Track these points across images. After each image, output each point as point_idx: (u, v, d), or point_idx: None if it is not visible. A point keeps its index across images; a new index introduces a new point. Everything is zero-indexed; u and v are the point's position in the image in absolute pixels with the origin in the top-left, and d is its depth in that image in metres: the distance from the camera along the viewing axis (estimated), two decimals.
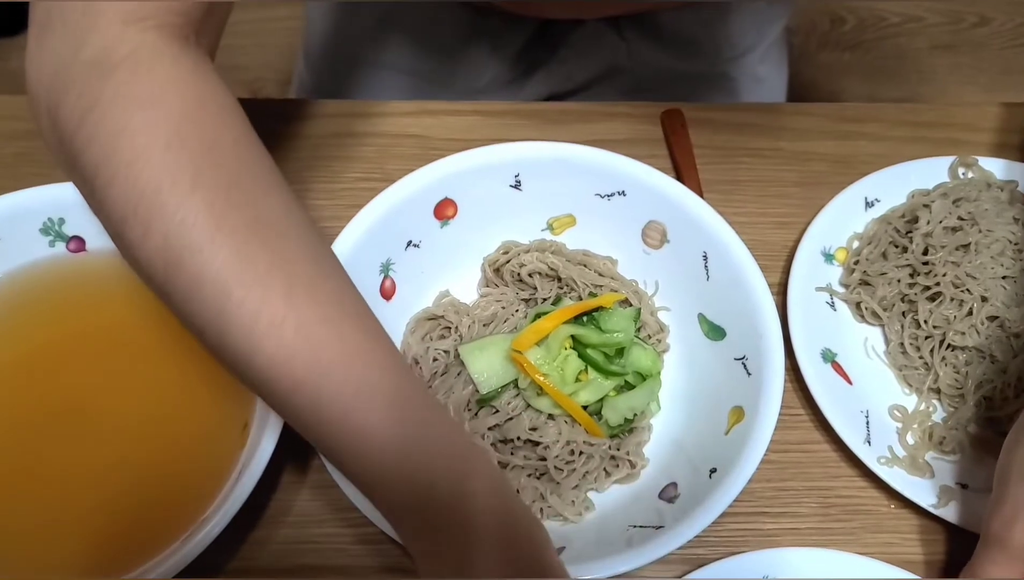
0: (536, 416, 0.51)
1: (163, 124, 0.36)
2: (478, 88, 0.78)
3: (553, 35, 0.77)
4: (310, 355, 0.36)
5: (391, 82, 0.79)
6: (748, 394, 0.49)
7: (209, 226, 0.35)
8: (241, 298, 0.36)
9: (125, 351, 0.54)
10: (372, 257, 0.54)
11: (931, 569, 0.49)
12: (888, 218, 0.61)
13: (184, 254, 0.36)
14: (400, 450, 0.37)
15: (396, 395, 0.38)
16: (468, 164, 0.55)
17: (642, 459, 0.52)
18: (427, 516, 0.37)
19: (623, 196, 0.57)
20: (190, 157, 0.36)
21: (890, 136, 0.68)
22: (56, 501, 0.49)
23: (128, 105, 0.36)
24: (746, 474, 0.46)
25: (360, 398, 0.37)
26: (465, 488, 0.37)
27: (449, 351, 0.54)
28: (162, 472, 0.50)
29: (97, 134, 0.36)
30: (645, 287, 0.58)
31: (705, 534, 0.46)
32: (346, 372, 0.37)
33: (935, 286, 0.56)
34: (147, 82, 0.37)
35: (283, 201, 0.39)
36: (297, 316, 0.36)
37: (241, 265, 0.36)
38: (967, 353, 0.55)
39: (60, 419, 0.51)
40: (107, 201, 0.37)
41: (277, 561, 0.50)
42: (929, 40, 1.72)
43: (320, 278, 0.38)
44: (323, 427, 0.38)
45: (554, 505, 0.50)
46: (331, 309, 0.38)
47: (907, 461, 0.52)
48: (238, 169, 0.38)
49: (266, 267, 0.36)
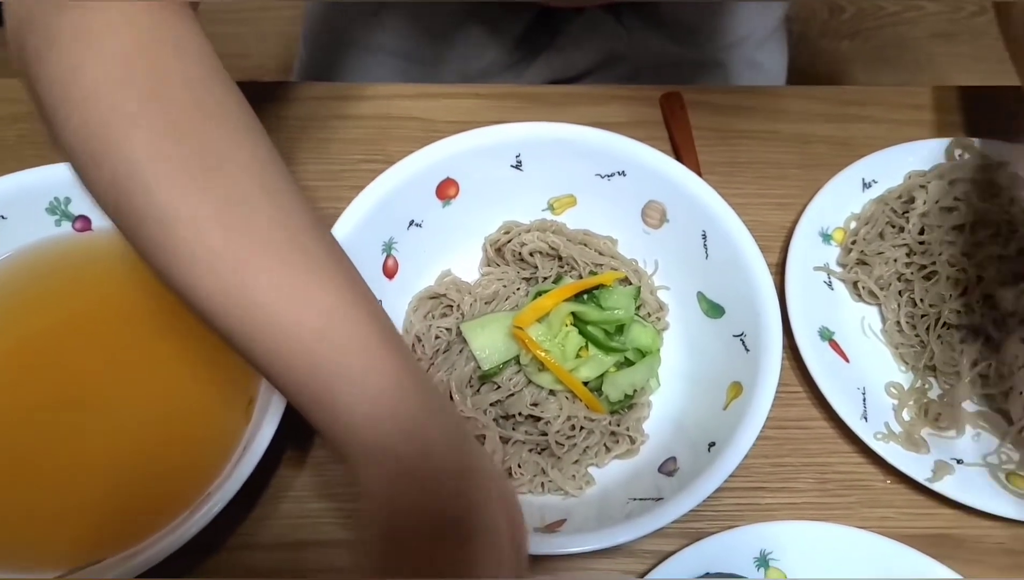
0: (537, 392, 0.52)
1: (114, 58, 0.36)
2: (477, 73, 0.79)
3: (553, 22, 0.78)
4: (242, 296, 0.36)
5: (389, 66, 0.79)
6: (746, 369, 0.50)
7: (152, 161, 0.35)
8: (181, 234, 0.35)
9: (130, 329, 0.54)
10: (375, 236, 0.55)
11: (927, 542, 0.50)
12: (885, 199, 0.62)
13: (129, 189, 0.35)
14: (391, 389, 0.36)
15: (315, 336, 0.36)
16: (470, 144, 0.56)
17: (642, 435, 0.53)
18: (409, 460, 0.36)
19: (623, 176, 0.57)
20: (138, 92, 0.36)
21: (888, 119, 0.68)
22: (60, 478, 0.50)
23: (83, 39, 0.36)
24: (744, 446, 0.46)
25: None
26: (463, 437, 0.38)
27: (451, 329, 0.55)
28: (166, 449, 0.51)
29: (57, 73, 0.36)
30: (645, 266, 0.59)
31: (704, 508, 0.46)
32: (281, 314, 0.36)
33: (931, 265, 0.57)
34: (101, 16, 0.36)
35: (233, 133, 0.38)
36: (234, 251, 0.36)
37: (181, 199, 0.35)
38: (962, 331, 0.56)
39: (66, 396, 0.52)
40: (66, 139, 0.37)
41: (279, 537, 0.51)
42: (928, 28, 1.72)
43: (266, 209, 0.37)
44: (271, 366, 0.37)
45: (555, 479, 0.51)
46: (272, 241, 0.36)
47: (903, 437, 0.53)
48: (189, 103, 0.37)
49: (211, 204, 0.36)
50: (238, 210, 0.36)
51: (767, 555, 0.49)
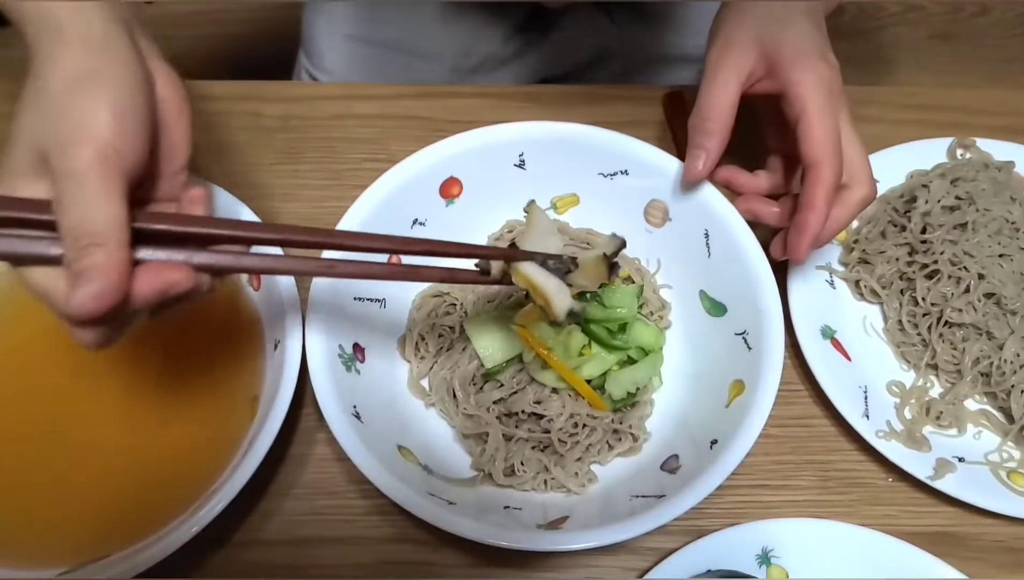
0: (540, 390, 0.52)
1: None
2: (469, 67, 0.79)
3: (545, 18, 0.78)
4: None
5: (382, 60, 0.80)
6: (749, 367, 0.50)
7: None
8: None
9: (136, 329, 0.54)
10: None
11: (928, 540, 0.50)
12: (887, 198, 0.62)
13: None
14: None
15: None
16: (473, 144, 0.56)
17: (644, 432, 0.53)
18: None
19: (626, 175, 0.57)
20: None
21: (889, 119, 0.69)
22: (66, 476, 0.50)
23: None
24: (747, 444, 0.47)
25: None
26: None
27: (454, 327, 0.55)
28: (171, 444, 0.51)
29: None
30: (647, 265, 0.59)
31: (706, 505, 0.46)
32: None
33: (933, 264, 0.57)
34: None
35: None
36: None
37: None
38: (964, 330, 0.56)
39: (68, 394, 0.52)
40: None
41: (284, 533, 0.51)
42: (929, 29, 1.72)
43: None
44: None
45: (558, 477, 0.51)
46: None
47: (904, 435, 0.53)
48: None
49: None
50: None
51: (769, 552, 0.49)
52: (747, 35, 0.52)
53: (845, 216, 0.50)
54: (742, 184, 0.55)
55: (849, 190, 0.50)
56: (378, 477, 0.45)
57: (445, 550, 0.51)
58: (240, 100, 0.68)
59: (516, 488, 0.51)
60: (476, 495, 0.50)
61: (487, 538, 0.44)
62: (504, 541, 0.44)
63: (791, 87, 0.50)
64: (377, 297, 0.55)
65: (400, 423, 0.53)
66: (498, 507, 0.50)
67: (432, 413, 0.55)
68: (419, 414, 0.54)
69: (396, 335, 0.57)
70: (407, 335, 0.56)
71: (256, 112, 0.67)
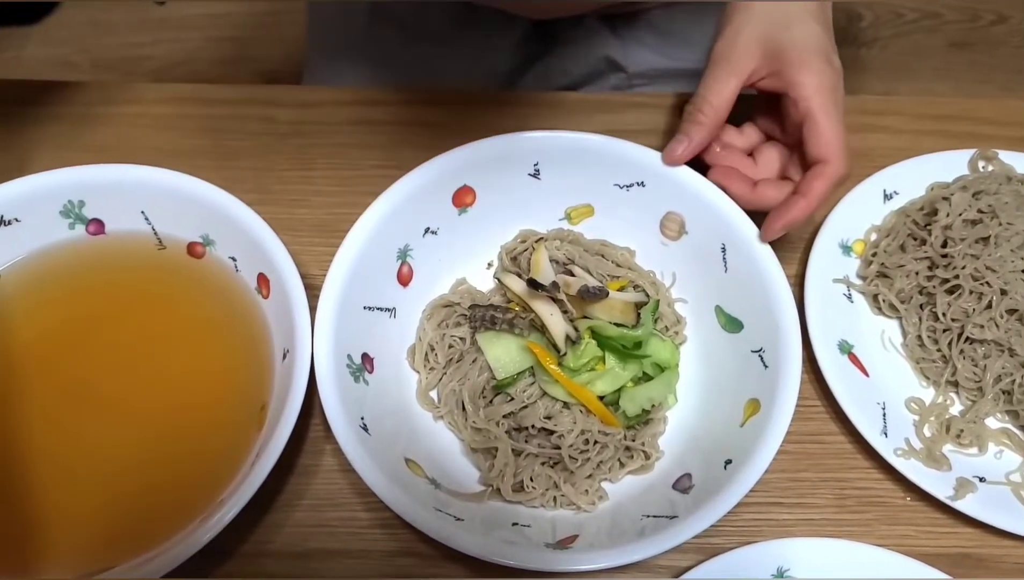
0: (551, 404, 0.51)
1: None
2: (473, 80, 0.79)
3: (549, 31, 0.78)
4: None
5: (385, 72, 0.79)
6: (765, 386, 0.49)
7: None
8: None
9: (144, 334, 0.54)
10: (390, 243, 0.54)
11: (948, 562, 0.49)
12: (907, 210, 0.61)
13: None
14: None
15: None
16: (487, 152, 0.55)
17: (656, 450, 0.52)
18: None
19: (642, 186, 0.57)
20: None
21: (909, 129, 0.68)
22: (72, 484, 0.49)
23: None
24: (761, 466, 0.46)
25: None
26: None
27: (465, 338, 0.54)
28: (179, 454, 0.50)
29: None
30: (662, 278, 0.58)
31: (720, 523, 0.45)
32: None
33: (954, 279, 0.56)
34: None
35: None
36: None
37: None
38: (986, 346, 0.55)
39: (77, 401, 0.52)
40: None
41: (291, 545, 0.51)
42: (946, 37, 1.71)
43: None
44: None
45: (568, 494, 0.50)
46: None
47: (924, 453, 0.52)
48: None
49: None
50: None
51: (784, 572, 0.48)
52: (754, 33, 0.54)
53: (822, 189, 0.52)
54: (724, 144, 0.58)
55: (827, 164, 0.52)
56: (384, 491, 0.44)
57: (451, 565, 0.50)
58: (252, 104, 0.68)
59: (525, 504, 0.50)
60: (484, 510, 0.49)
61: (494, 556, 0.43)
62: (512, 560, 0.43)
63: (796, 89, 0.52)
64: (387, 306, 0.55)
65: (408, 435, 0.52)
66: (506, 523, 0.49)
67: (441, 426, 0.54)
68: (428, 426, 0.54)
69: (405, 345, 0.56)
70: (416, 345, 0.55)
71: (269, 117, 0.67)
